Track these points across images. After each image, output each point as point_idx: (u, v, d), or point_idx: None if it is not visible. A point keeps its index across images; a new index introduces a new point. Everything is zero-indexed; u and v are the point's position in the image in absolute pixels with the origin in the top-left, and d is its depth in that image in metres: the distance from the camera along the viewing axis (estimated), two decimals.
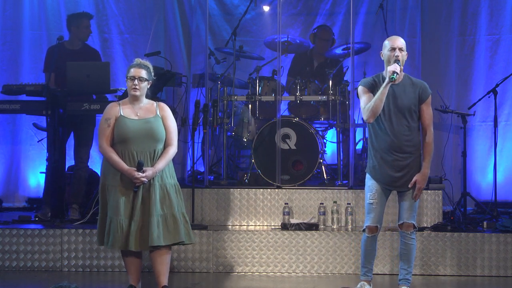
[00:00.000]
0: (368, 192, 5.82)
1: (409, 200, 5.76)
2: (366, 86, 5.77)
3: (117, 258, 6.97)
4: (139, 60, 5.85)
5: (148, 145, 5.70)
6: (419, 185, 5.71)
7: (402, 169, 5.73)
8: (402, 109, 5.71)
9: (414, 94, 5.74)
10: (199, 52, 9.51)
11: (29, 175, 9.39)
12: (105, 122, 5.75)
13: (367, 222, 5.82)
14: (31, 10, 9.46)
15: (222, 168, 8.13)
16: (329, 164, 8.66)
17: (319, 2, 9.70)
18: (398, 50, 5.70)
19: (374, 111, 5.65)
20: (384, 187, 5.79)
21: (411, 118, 5.73)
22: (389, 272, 6.97)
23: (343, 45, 8.78)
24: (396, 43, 5.72)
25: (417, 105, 5.75)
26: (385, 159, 5.74)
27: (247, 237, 7.10)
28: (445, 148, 8.81)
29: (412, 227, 5.77)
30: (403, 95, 5.72)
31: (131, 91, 5.73)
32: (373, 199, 5.78)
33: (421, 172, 5.74)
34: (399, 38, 5.80)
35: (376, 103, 5.63)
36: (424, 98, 5.76)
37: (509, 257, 6.97)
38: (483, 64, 9.22)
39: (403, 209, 5.78)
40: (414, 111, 5.74)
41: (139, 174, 5.60)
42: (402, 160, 5.72)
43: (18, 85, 7.67)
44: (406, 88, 5.75)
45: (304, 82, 8.29)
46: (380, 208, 5.79)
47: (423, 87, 5.79)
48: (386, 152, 5.73)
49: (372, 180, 5.82)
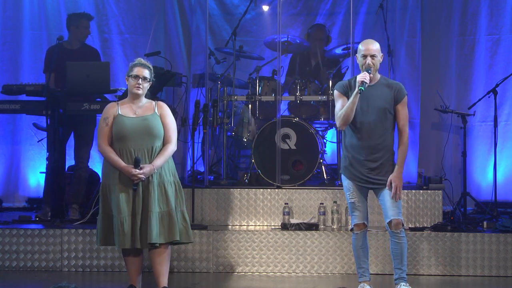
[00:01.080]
0: (347, 192, 5.88)
1: (390, 198, 5.76)
2: (340, 90, 5.84)
3: (117, 258, 6.97)
4: (142, 60, 5.85)
5: (145, 142, 5.71)
6: (395, 183, 5.73)
7: (373, 169, 5.77)
8: (376, 110, 5.75)
9: (390, 95, 5.79)
10: (199, 52, 9.50)
11: (29, 175, 9.38)
12: (104, 121, 5.76)
13: (353, 221, 5.88)
14: (31, 10, 9.45)
15: (222, 168, 8.13)
16: (329, 164, 8.66)
17: (319, 2, 9.69)
18: (370, 57, 5.72)
19: (345, 120, 5.72)
20: (359, 186, 5.82)
21: (386, 119, 5.78)
22: (388, 272, 6.97)
23: (343, 45, 8.78)
24: (368, 50, 5.74)
25: (392, 106, 5.79)
26: (357, 158, 5.79)
27: (247, 237, 7.10)
28: (445, 148, 8.81)
29: (401, 225, 5.78)
30: (377, 96, 5.77)
31: (134, 89, 5.74)
32: (354, 198, 5.84)
33: (395, 171, 5.76)
34: (372, 43, 5.80)
35: (347, 112, 5.70)
36: (399, 99, 5.80)
37: (509, 257, 6.97)
38: (483, 64, 9.22)
39: (387, 207, 5.79)
40: (389, 111, 5.78)
41: (136, 171, 5.60)
42: (373, 161, 5.77)
43: (18, 85, 7.68)
44: (381, 89, 5.80)
45: (304, 82, 8.30)
46: (362, 204, 5.84)
47: (398, 88, 5.83)
48: (358, 152, 5.78)
49: (347, 180, 5.88)
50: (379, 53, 5.78)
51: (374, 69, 5.75)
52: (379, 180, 5.78)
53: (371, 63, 5.71)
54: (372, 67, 5.71)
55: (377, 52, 5.76)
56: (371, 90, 5.76)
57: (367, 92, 5.72)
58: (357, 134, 5.78)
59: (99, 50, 8.85)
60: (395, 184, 5.73)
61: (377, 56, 5.75)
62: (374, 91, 5.77)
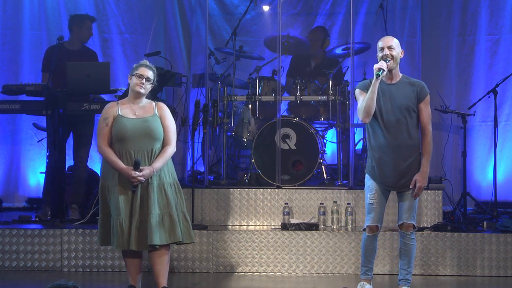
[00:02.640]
0: (368, 192, 5.81)
1: (409, 201, 5.74)
2: (362, 88, 5.78)
3: (117, 258, 6.97)
4: (147, 62, 5.86)
5: (145, 144, 5.70)
6: (420, 184, 5.69)
7: (402, 171, 5.71)
8: (400, 109, 5.70)
9: (413, 93, 5.74)
10: (199, 52, 9.51)
11: (29, 175, 9.39)
12: (103, 121, 5.75)
13: (367, 221, 5.82)
14: (31, 10, 9.46)
15: (222, 168, 8.13)
16: (329, 164, 8.66)
17: (319, 2, 9.70)
18: (387, 48, 5.70)
19: (367, 111, 5.65)
20: (383, 188, 5.79)
21: (410, 117, 5.72)
22: (389, 272, 6.97)
23: (343, 45, 8.78)
24: (385, 43, 5.73)
25: (415, 104, 5.74)
26: (384, 159, 5.73)
27: (247, 237, 7.10)
28: (445, 148, 8.81)
29: (412, 228, 5.76)
30: (400, 94, 5.72)
31: (136, 87, 5.73)
32: (373, 199, 5.78)
33: (421, 171, 5.72)
34: (390, 38, 5.80)
35: (368, 102, 5.64)
36: (422, 97, 5.75)
37: (509, 257, 6.97)
38: (483, 64, 9.22)
39: (402, 210, 5.77)
40: (413, 110, 5.73)
41: (136, 173, 5.60)
42: (402, 161, 5.71)
43: (18, 85, 7.67)
44: (404, 87, 5.76)
45: (304, 82, 8.30)
46: (380, 208, 5.79)
47: (421, 86, 5.79)
48: (385, 152, 5.72)
49: (371, 180, 5.81)
50: (398, 46, 5.73)
51: (394, 61, 5.68)
52: (406, 184, 5.72)
53: (388, 53, 5.68)
54: (389, 58, 5.66)
55: (395, 45, 5.72)
56: (393, 88, 5.73)
57: (390, 91, 5.70)
58: (383, 133, 5.71)
59: (99, 50, 8.85)
60: (420, 184, 5.68)
61: (395, 48, 5.71)
62: (397, 90, 5.73)
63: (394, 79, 5.75)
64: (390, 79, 5.75)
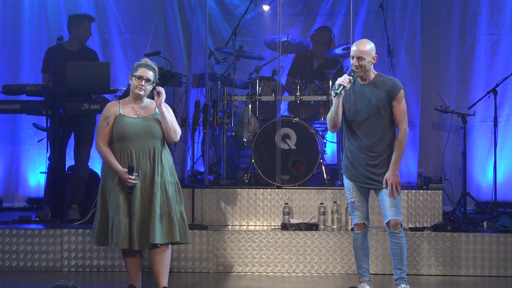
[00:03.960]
0: (347, 192, 5.87)
1: (388, 198, 5.73)
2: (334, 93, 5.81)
3: (117, 258, 6.97)
4: (148, 61, 5.84)
5: (146, 143, 5.71)
6: (390, 180, 5.70)
7: (373, 168, 5.75)
8: (371, 108, 5.73)
9: (384, 92, 5.74)
10: (199, 52, 9.51)
11: (29, 175, 9.38)
12: (104, 120, 5.75)
13: (354, 220, 5.87)
14: (31, 10, 9.45)
15: (222, 168, 8.13)
16: (329, 164, 8.67)
17: (319, 2, 9.69)
18: (356, 59, 5.71)
19: (332, 124, 5.80)
20: (359, 186, 5.81)
21: (380, 116, 5.74)
22: (388, 272, 6.96)
23: (343, 45, 8.77)
24: (355, 51, 5.72)
25: (387, 103, 5.75)
26: (356, 158, 5.78)
27: (247, 237, 7.10)
28: (445, 148, 8.82)
29: (399, 225, 5.75)
30: (372, 94, 5.75)
31: (136, 90, 5.73)
32: (353, 198, 5.83)
33: (390, 169, 5.73)
34: (362, 44, 5.75)
35: (332, 115, 5.77)
36: (394, 95, 5.75)
37: (509, 257, 6.97)
38: (483, 64, 9.22)
39: (385, 208, 5.77)
40: (384, 109, 5.74)
41: (129, 176, 5.60)
42: (372, 160, 5.75)
43: (18, 85, 7.67)
44: (376, 87, 5.77)
45: (304, 82, 8.30)
46: (362, 205, 5.83)
47: (392, 84, 5.77)
48: (357, 151, 5.77)
49: (347, 180, 5.87)
50: (368, 54, 5.70)
51: (362, 70, 5.70)
52: (379, 180, 5.76)
53: (358, 64, 5.68)
54: (357, 70, 5.69)
55: (365, 54, 5.69)
56: (363, 89, 5.76)
57: (362, 91, 5.73)
58: (354, 134, 5.77)
59: (99, 50, 8.84)
60: (390, 181, 5.70)
61: (365, 58, 5.69)
62: (369, 90, 5.76)
63: (367, 79, 5.78)
64: (364, 79, 5.78)
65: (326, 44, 9.02)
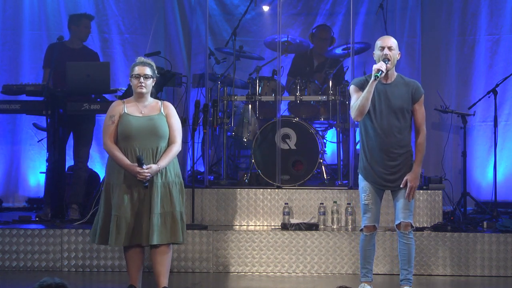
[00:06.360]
0: (362, 193, 5.81)
1: (403, 200, 5.73)
2: (357, 85, 5.78)
3: (117, 258, 6.97)
4: (142, 58, 5.85)
5: (150, 142, 5.70)
6: (411, 184, 5.69)
7: (392, 169, 5.72)
8: (394, 109, 5.71)
9: (407, 94, 5.74)
10: (199, 52, 9.51)
11: (29, 175, 9.38)
12: (109, 119, 5.76)
13: (364, 222, 5.82)
14: (31, 10, 9.46)
15: (222, 168, 8.13)
16: (329, 164, 8.66)
17: (319, 2, 9.70)
18: (387, 48, 5.70)
19: (360, 110, 5.66)
20: (376, 187, 5.79)
21: (403, 118, 5.73)
22: (389, 272, 6.97)
23: (343, 45, 8.78)
24: (385, 42, 5.73)
25: (410, 105, 5.75)
26: (376, 159, 5.73)
27: (247, 237, 7.10)
28: (445, 148, 8.81)
29: (410, 227, 5.75)
30: (395, 95, 5.72)
31: (137, 89, 5.74)
32: (368, 200, 5.78)
33: (412, 171, 5.73)
34: (390, 38, 5.81)
35: (362, 102, 5.64)
36: (417, 97, 5.76)
37: (509, 257, 6.97)
38: (483, 64, 9.22)
39: (398, 209, 5.77)
40: (407, 110, 5.74)
41: (141, 168, 5.58)
42: (392, 161, 5.72)
43: (18, 85, 7.68)
44: (399, 87, 5.75)
45: (304, 82, 8.30)
46: (375, 207, 5.79)
47: (416, 86, 5.78)
48: (377, 152, 5.73)
49: (364, 181, 5.81)
50: (396, 47, 5.75)
51: (392, 62, 5.69)
52: (397, 181, 5.72)
53: (389, 53, 5.68)
54: (389, 59, 5.67)
55: (394, 46, 5.73)
56: (388, 88, 5.72)
57: (385, 91, 5.70)
58: (375, 133, 5.71)
59: (99, 50, 8.83)
60: (411, 184, 5.68)
61: (394, 49, 5.72)
62: (392, 90, 5.72)
63: (389, 79, 5.76)
64: (386, 79, 5.75)
65: (328, 41, 9.02)
